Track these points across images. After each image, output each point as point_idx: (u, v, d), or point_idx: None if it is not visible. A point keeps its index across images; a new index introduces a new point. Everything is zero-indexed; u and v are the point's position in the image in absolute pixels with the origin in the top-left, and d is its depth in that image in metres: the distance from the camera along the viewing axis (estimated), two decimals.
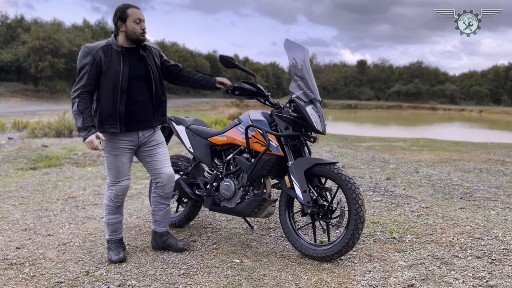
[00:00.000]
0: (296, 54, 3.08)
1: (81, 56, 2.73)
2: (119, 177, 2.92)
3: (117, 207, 3.01)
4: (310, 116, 2.86)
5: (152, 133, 3.01)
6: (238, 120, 3.25)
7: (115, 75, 2.74)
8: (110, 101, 2.76)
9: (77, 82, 2.72)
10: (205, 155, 3.39)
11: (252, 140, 3.01)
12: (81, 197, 5.01)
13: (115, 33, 2.81)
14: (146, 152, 3.00)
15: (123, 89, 2.77)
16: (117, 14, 2.77)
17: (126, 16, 2.76)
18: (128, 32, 2.77)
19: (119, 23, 2.77)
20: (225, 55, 3.00)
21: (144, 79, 2.87)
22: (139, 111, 2.87)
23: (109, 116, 2.80)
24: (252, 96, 3.00)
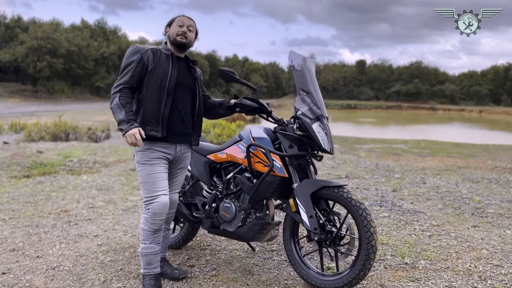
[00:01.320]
0: (301, 66, 2.86)
1: (128, 54, 2.62)
2: (156, 190, 2.59)
3: (155, 231, 2.64)
4: (316, 135, 2.65)
5: (187, 151, 2.84)
6: (239, 137, 3.04)
7: (163, 75, 2.61)
8: (155, 102, 2.59)
9: (120, 78, 2.58)
10: (203, 173, 3.18)
11: (254, 159, 2.79)
12: (74, 210, 4.79)
13: (166, 39, 2.75)
14: (170, 170, 2.81)
15: (169, 91, 2.62)
16: (168, 23, 2.75)
17: (172, 21, 2.73)
18: (170, 34, 2.70)
19: (166, 29, 2.74)
20: (225, 69, 2.78)
21: (189, 89, 2.76)
22: (181, 122, 2.71)
23: (151, 118, 2.59)
24: (254, 112, 2.78)
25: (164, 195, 2.62)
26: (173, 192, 2.83)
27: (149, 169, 2.62)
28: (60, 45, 48.04)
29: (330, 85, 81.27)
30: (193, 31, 2.74)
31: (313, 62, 3.00)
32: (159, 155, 2.65)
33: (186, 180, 3.37)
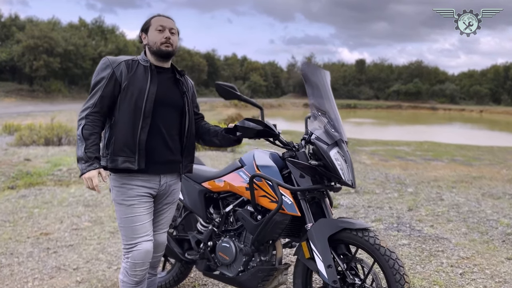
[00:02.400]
0: (316, 80, 2.38)
1: (99, 69, 2.17)
2: (135, 237, 2.13)
3: (137, 284, 2.20)
4: (335, 164, 2.16)
5: (175, 182, 2.34)
6: (240, 162, 2.55)
7: (139, 92, 2.12)
8: (129, 127, 2.10)
9: (88, 100, 2.14)
10: (197, 203, 2.69)
11: (258, 192, 2.31)
12: (55, 233, 4.30)
13: (144, 48, 2.28)
14: (154, 207, 2.30)
15: (146, 112, 2.12)
16: (142, 27, 2.27)
17: (148, 26, 2.23)
18: (149, 42, 2.20)
19: (142, 35, 2.26)
20: (223, 83, 2.29)
21: (176, 108, 2.26)
22: (164, 148, 2.21)
23: (125, 146, 2.10)
24: (259, 136, 2.29)
25: (146, 241, 2.14)
26: (159, 233, 2.35)
27: (126, 211, 2.14)
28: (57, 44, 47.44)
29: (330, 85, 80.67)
30: (175, 34, 2.24)
31: (329, 74, 2.52)
32: (139, 192, 2.15)
33: (178, 212, 2.88)
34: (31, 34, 45.99)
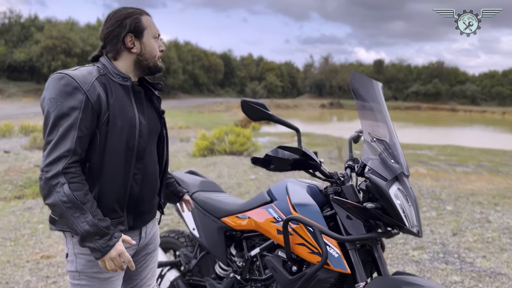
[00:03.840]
0: (368, 94, 1.88)
1: (59, 92, 1.44)
2: None
3: None
4: (397, 206, 1.66)
5: (154, 224, 1.82)
6: (268, 195, 2.06)
7: (130, 128, 1.53)
8: (119, 176, 1.54)
9: (54, 144, 1.40)
10: (216, 243, 2.21)
11: (294, 239, 1.81)
12: (57, 256, 3.87)
13: (113, 55, 1.61)
14: (137, 264, 1.77)
15: (140, 154, 1.57)
16: (126, 24, 1.58)
17: (143, 28, 1.61)
18: (145, 54, 1.62)
19: (129, 38, 1.59)
20: (250, 100, 1.81)
21: (156, 136, 1.72)
22: (150, 192, 1.68)
23: (115, 203, 1.54)
24: (296, 168, 1.80)
25: None
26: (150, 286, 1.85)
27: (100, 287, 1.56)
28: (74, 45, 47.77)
29: (347, 85, 79.69)
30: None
31: (381, 86, 2.01)
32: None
33: (192, 249, 2.41)
34: (50, 34, 46.39)
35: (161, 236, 2.60)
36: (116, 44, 1.59)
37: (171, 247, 2.55)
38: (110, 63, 1.60)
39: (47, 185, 1.39)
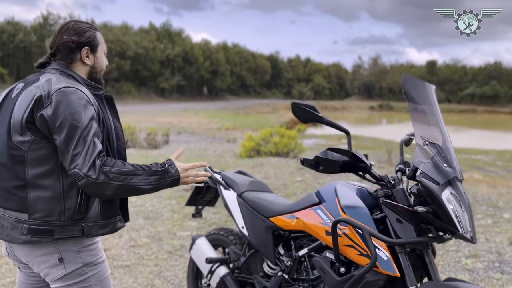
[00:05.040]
0: (420, 97, 1.86)
1: (78, 105, 1.54)
2: None
3: None
4: (449, 211, 1.63)
5: None
6: (317, 196, 2.09)
7: (118, 133, 1.74)
8: None
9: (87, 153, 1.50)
10: (264, 242, 2.26)
11: (343, 240, 1.83)
12: (113, 249, 4.08)
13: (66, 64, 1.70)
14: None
15: (121, 154, 1.75)
16: (84, 37, 1.71)
17: (97, 44, 1.76)
18: (96, 67, 1.76)
19: (85, 51, 1.71)
20: (300, 102, 1.86)
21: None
22: None
23: (114, 203, 1.71)
24: (346, 170, 1.81)
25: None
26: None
27: (105, 269, 1.75)
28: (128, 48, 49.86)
29: (397, 87, 77.42)
30: None
31: (434, 88, 1.98)
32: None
33: (241, 247, 2.47)
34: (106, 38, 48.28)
35: (211, 234, 2.69)
36: (70, 54, 1.69)
37: (220, 244, 2.63)
38: (79, 76, 1.70)
39: (98, 184, 1.50)
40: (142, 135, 13.38)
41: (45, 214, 1.56)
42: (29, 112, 1.54)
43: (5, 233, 1.60)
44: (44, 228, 1.56)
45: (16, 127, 1.56)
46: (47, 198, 1.56)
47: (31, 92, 1.56)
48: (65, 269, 1.62)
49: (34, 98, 1.54)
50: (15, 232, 1.57)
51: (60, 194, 1.57)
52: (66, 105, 1.52)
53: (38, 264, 1.63)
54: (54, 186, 1.56)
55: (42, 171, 1.56)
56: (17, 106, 1.57)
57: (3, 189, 1.60)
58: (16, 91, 1.64)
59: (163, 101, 49.84)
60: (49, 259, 1.61)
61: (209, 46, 62.40)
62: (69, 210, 1.57)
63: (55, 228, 1.57)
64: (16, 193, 1.57)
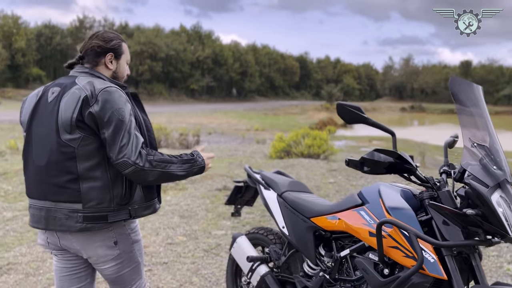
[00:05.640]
0: (468, 98, 1.84)
1: (121, 103, 1.74)
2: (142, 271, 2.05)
3: None
4: (499, 214, 1.61)
5: None
6: (359, 197, 2.09)
7: (147, 126, 1.93)
8: None
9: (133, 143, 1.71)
10: (305, 242, 2.28)
11: (387, 241, 1.82)
12: (151, 246, 4.19)
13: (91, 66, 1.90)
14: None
15: (153, 145, 1.95)
16: (111, 43, 1.91)
17: (122, 52, 1.96)
18: (118, 72, 1.96)
19: (109, 56, 1.91)
20: (345, 103, 1.86)
21: None
22: None
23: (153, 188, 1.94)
24: (390, 171, 1.81)
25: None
26: None
27: (141, 244, 1.99)
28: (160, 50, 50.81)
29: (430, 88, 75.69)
30: None
31: (481, 89, 1.95)
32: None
33: (281, 247, 2.50)
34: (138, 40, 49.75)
35: (251, 232, 2.73)
36: (96, 58, 1.88)
37: (259, 243, 2.66)
38: (106, 76, 1.87)
39: (143, 171, 1.71)
40: (175, 135, 13.60)
41: (98, 202, 1.73)
42: (78, 112, 1.69)
43: (58, 224, 1.75)
44: (99, 215, 1.74)
45: (65, 126, 1.71)
46: (98, 187, 1.73)
47: (75, 94, 1.72)
48: (119, 249, 1.84)
49: (80, 99, 1.70)
50: (70, 221, 1.73)
51: (108, 183, 1.74)
52: (111, 103, 1.70)
53: (94, 249, 1.81)
54: (103, 176, 1.73)
55: (91, 164, 1.72)
56: (63, 108, 1.72)
57: (53, 184, 1.74)
58: (53, 94, 1.79)
59: (193, 102, 50.53)
60: (106, 243, 1.81)
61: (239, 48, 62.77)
62: (117, 197, 1.76)
63: (108, 214, 1.75)
64: (69, 186, 1.72)
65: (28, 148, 1.83)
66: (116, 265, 1.86)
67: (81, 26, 55.24)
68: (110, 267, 1.86)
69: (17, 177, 7.51)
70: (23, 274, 3.54)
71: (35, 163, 1.78)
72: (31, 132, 1.81)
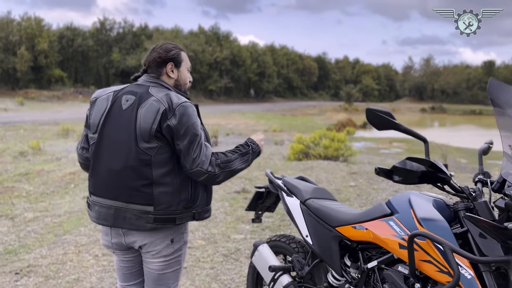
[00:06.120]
0: (508, 103, 1.73)
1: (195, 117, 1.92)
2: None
3: None
4: None
5: None
6: (388, 206, 1.99)
7: (207, 135, 2.05)
8: None
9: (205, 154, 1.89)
10: (330, 252, 2.19)
11: (419, 255, 1.72)
12: None
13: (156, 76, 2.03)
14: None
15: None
16: (170, 53, 2.03)
17: (181, 60, 2.08)
18: (180, 80, 2.08)
19: (170, 66, 2.03)
20: (375, 109, 1.78)
21: None
22: None
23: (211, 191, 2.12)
24: (423, 181, 1.71)
25: None
26: None
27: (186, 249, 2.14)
28: None
29: (451, 88, 74.28)
30: None
31: None
32: None
33: (304, 256, 2.41)
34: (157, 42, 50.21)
35: (272, 240, 2.65)
36: (159, 68, 2.01)
37: (281, 251, 2.58)
38: (171, 86, 2.01)
39: (215, 175, 1.89)
40: None
41: (167, 205, 1.88)
42: (158, 123, 1.84)
43: (128, 223, 1.90)
44: (168, 217, 1.89)
45: (144, 136, 1.85)
46: (169, 192, 1.88)
47: (153, 106, 1.86)
48: (173, 248, 1.98)
49: (159, 111, 1.84)
50: (140, 221, 1.88)
51: (177, 188, 1.89)
52: (187, 117, 1.86)
53: (154, 245, 1.95)
54: (173, 182, 1.89)
55: (164, 171, 1.87)
56: (141, 118, 1.86)
57: (128, 187, 1.88)
58: (127, 102, 1.92)
59: (211, 102, 50.70)
60: (164, 240, 1.95)
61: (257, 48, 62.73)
62: (184, 201, 1.91)
63: (176, 216, 1.91)
64: (143, 190, 1.87)
65: (99, 150, 1.94)
66: (164, 263, 1.99)
67: (102, 27, 56.08)
68: (159, 262, 1.98)
69: (38, 178, 7.61)
70: (43, 277, 3.54)
71: (108, 167, 1.90)
72: (103, 135, 1.93)
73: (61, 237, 4.53)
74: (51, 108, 33.08)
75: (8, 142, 12.74)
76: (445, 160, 11.73)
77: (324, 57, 78.29)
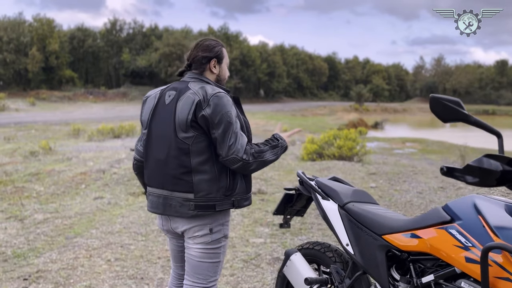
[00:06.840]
0: None
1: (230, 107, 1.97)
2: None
3: None
4: None
5: None
6: (447, 212, 1.71)
7: (247, 126, 2.09)
8: None
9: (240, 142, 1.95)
10: (375, 263, 1.92)
11: (494, 270, 1.45)
12: None
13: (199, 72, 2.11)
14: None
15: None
16: (214, 51, 2.11)
17: (223, 57, 2.16)
18: (221, 75, 2.16)
19: (213, 62, 2.11)
20: (441, 97, 1.51)
21: None
22: None
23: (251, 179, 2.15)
24: (501, 183, 1.44)
25: None
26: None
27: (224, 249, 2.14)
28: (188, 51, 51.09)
29: (463, 88, 73.27)
30: None
31: None
32: None
33: (344, 266, 2.15)
34: (167, 42, 50.16)
35: (304, 248, 2.39)
36: (202, 65, 2.09)
37: (314, 260, 2.33)
38: (212, 81, 2.08)
39: (249, 163, 1.94)
40: None
41: (207, 192, 1.95)
42: (193, 114, 1.92)
43: (174, 210, 1.99)
44: (208, 204, 1.95)
45: (181, 126, 1.94)
46: (207, 180, 1.94)
47: (189, 98, 1.95)
48: (211, 237, 2.03)
49: (194, 102, 1.93)
50: (183, 209, 1.97)
51: (215, 176, 1.95)
52: (221, 106, 1.92)
53: (193, 231, 2.02)
54: (211, 170, 1.95)
55: (202, 159, 1.94)
56: (179, 110, 1.95)
57: (171, 175, 1.97)
58: (169, 97, 2.02)
59: None
60: (203, 228, 2.01)
61: (266, 49, 62.42)
62: (222, 188, 1.97)
63: (216, 203, 1.96)
64: (183, 178, 1.95)
65: (148, 143, 2.07)
66: (203, 250, 2.03)
67: (112, 28, 56.24)
68: (197, 249, 2.03)
69: (49, 178, 7.44)
70: (52, 283, 3.33)
71: (156, 157, 2.02)
72: (151, 130, 2.06)
73: (72, 240, 4.32)
74: (62, 108, 33.18)
75: (19, 142, 12.65)
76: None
77: (334, 57, 77.66)
